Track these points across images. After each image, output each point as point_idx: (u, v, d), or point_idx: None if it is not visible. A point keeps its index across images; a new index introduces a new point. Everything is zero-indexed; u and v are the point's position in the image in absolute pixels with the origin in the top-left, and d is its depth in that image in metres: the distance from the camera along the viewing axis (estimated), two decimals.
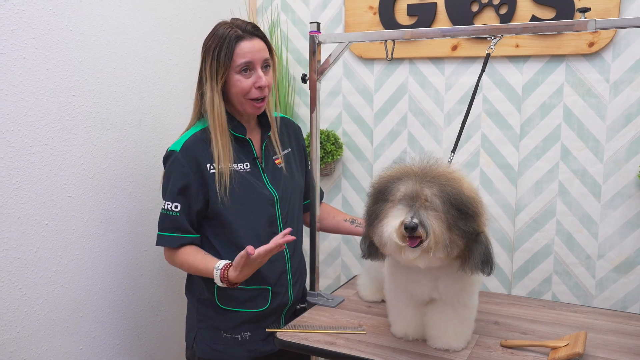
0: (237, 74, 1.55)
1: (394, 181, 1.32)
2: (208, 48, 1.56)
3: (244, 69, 1.55)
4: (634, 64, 1.88)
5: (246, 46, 1.53)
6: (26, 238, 1.51)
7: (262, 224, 1.64)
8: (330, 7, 2.30)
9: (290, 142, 1.77)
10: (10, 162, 1.45)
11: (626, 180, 1.94)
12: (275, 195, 1.66)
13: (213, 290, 1.63)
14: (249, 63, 1.54)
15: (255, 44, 1.55)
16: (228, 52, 1.52)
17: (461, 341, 1.44)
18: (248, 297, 1.63)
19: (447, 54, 2.11)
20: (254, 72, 1.56)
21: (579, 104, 1.97)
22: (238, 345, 1.65)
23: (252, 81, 1.56)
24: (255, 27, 1.58)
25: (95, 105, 1.70)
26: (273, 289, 1.65)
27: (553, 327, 1.58)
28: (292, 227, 1.68)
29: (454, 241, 1.26)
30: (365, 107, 2.30)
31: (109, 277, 1.79)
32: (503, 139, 2.09)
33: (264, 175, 1.66)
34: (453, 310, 1.43)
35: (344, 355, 1.44)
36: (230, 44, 1.52)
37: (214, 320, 1.65)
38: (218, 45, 1.53)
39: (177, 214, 1.57)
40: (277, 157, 1.70)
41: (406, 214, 1.25)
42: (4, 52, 1.41)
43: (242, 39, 1.53)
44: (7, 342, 1.47)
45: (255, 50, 1.55)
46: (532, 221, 2.09)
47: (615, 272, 2.00)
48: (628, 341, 1.49)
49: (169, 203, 1.57)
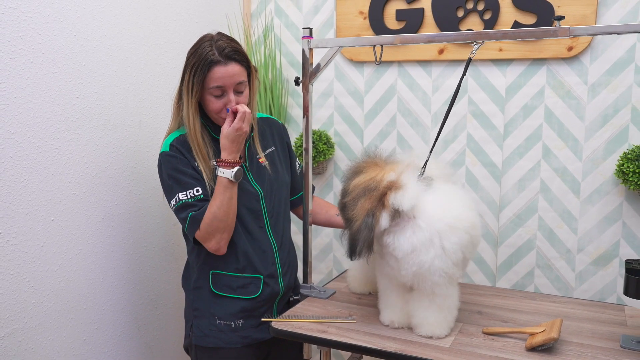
0: (209, 95, 1.62)
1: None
2: (188, 64, 1.62)
3: (217, 93, 1.61)
4: (610, 67, 1.98)
5: (219, 71, 1.59)
6: (33, 233, 1.59)
7: (250, 218, 1.72)
8: (322, 12, 2.39)
9: (273, 141, 1.84)
10: (18, 161, 1.53)
11: (603, 177, 2.04)
12: (259, 191, 1.74)
13: (208, 277, 1.72)
14: (220, 87, 1.61)
15: (230, 68, 1.60)
16: (201, 75, 1.59)
17: (443, 328, 1.53)
18: (241, 284, 1.72)
19: (434, 57, 2.20)
20: (226, 95, 1.62)
21: (559, 105, 2.07)
22: (232, 332, 1.72)
23: (223, 103, 1.63)
24: (233, 51, 1.61)
25: (98, 107, 1.78)
26: (264, 279, 1.74)
27: (533, 316, 1.68)
28: (278, 220, 1.80)
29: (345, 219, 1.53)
30: (356, 108, 2.39)
31: (110, 272, 1.87)
32: (488, 139, 2.18)
33: (249, 173, 1.74)
34: (430, 300, 1.52)
35: (335, 342, 1.53)
36: (204, 68, 1.58)
37: (209, 307, 1.73)
38: (195, 64, 1.59)
39: (201, 196, 1.63)
40: (259, 156, 1.77)
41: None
42: (13, 57, 1.49)
43: (216, 64, 1.58)
44: (15, 332, 1.55)
45: (227, 75, 1.60)
46: (515, 217, 2.18)
47: (593, 265, 2.10)
48: (601, 328, 1.59)
49: (189, 191, 1.62)
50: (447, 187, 1.59)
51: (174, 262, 2.16)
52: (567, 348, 1.46)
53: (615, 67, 1.98)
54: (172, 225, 2.14)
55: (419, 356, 1.42)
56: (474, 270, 2.26)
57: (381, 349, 1.47)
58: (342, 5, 2.32)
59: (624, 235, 2.04)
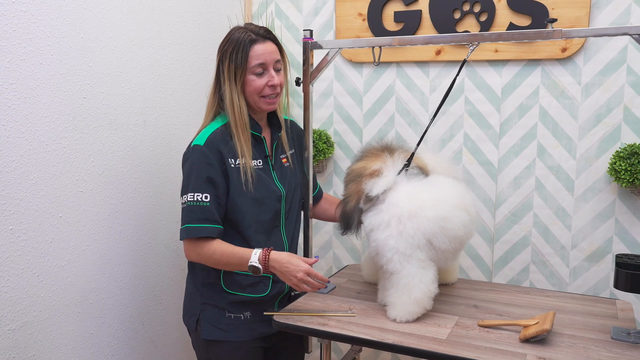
0: (251, 75, 1.67)
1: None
2: (225, 52, 1.68)
3: (258, 71, 1.66)
4: (603, 68, 2.03)
5: (259, 49, 1.65)
6: (42, 229, 1.63)
7: (269, 218, 1.76)
8: (322, 13, 2.44)
9: (294, 144, 1.91)
10: (28, 160, 1.57)
11: (597, 175, 2.09)
12: (282, 191, 1.78)
13: (219, 275, 1.75)
14: (262, 64, 1.66)
15: (268, 46, 1.67)
16: (244, 55, 1.64)
17: (400, 313, 1.63)
18: (251, 282, 1.75)
19: (432, 58, 2.25)
20: (267, 72, 1.68)
21: (553, 105, 2.12)
22: (241, 324, 1.76)
23: (265, 80, 1.68)
24: (267, 31, 1.70)
25: (104, 106, 1.83)
26: (274, 277, 1.77)
27: (527, 310, 1.73)
28: (291, 221, 1.85)
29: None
30: (355, 108, 2.44)
31: (116, 267, 1.92)
32: (484, 138, 2.23)
33: (274, 172, 1.78)
34: (389, 280, 1.67)
35: (336, 334, 1.58)
36: (245, 47, 1.64)
37: (218, 301, 1.76)
38: (234, 48, 1.65)
39: (207, 203, 1.64)
40: (284, 156, 1.83)
41: None
42: (23, 58, 1.54)
43: (255, 42, 1.65)
44: (25, 325, 1.60)
45: (267, 52, 1.66)
46: (511, 214, 2.23)
47: (587, 261, 2.15)
48: (593, 321, 1.64)
49: (198, 194, 1.64)
50: (439, 181, 1.70)
51: (178, 259, 2.21)
52: (560, 339, 1.51)
53: (608, 68, 2.03)
54: (176, 222, 2.18)
55: (416, 347, 1.47)
56: (471, 266, 2.31)
57: (380, 340, 1.52)
58: (342, 7, 2.37)
59: (616, 232, 2.09)
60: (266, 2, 2.54)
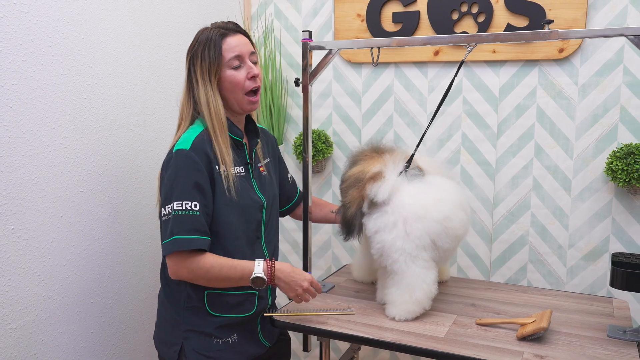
0: (228, 69, 1.59)
1: None
2: (195, 52, 1.60)
3: (235, 64, 1.59)
4: (600, 68, 2.05)
5: (232, 41, 1.59)
6: (44, 229, 1.65)
7: (252, 228, 1.66)
8: (321, 14, 2.45)
9: (268, 152, 1.83)
10: (30, 160, 1.59)
11: (594, 175, 2.11)
12: (263, 201, 1.69)
13: (202, 297, 1.61)
14: (238, 57, 1.59)
15: (240, 38, 1.61)
16: (216, 49, 1.57)
17: (400, 312, 1.65)
18: (237, 302, 1.64)
19: (430, 58, 2.27)
20: (244, 65, 1.61)
21: (550, 105, 2.14)
22: (230, 349, 1.64)
23: (244, 73, 1.60)
24: (236, 25, 1.64)
25: (104, 107, 1.84)
26: (259, 294, 1.69)
27: (524, 308, 1.75)
28: (271, 232, 1.76)
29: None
30: (354, 108, 2.45)
31: (116, 267, 1.93)
32: (482, 138, 2.25)
33: (254, 180, 1.69)
34: (392, 279, 1.68)
35: (335, 333, 1.59)
36: (216, 42, 1.57)
37: (204, 326, 1.62)
38: (205, 46, 1.58)
39: (197, 212, 1.49)
40: (261, 164, 1.75)
41: None
42: (24, 59, 1.55)
43: (226, 35, 1.59)
44: (27, 324, 1.61)
45: (241, 44, 1.60)
46: (508, 214, 2.25)
47: (584, 260, 2.16)
48: (590, 319, 1.66)
49: (187, 202, 1.48)
50: (438, 181, 1.72)
51: None
52: (557, 337, 1.53)
53: (604, 69, 2.05)
54: None
55: (414, 345, 1.49)
56: (469, 266, 2.32)
57: (379, 339, 1.53)
58: (340, 8, 2.38)
59: (613, 231, 2.10)
60: (265, 3, 2.56)
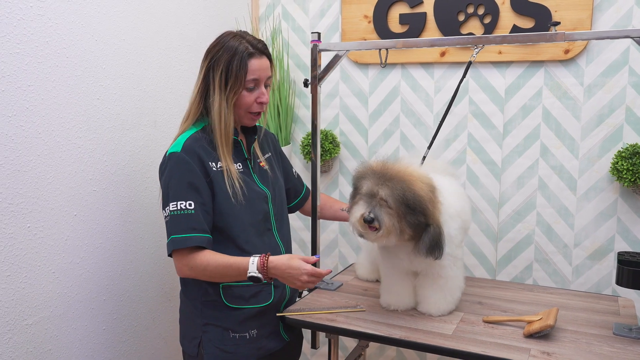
0: (243, 89, 1.60)
1: (361, 178, 1.59)
2: (218, 58, 1.58)
3: (250, 86, 1.60)
4: (605, 69, 2.07)
5: (256, 64, 1.59)
6: (58, 227, 1.68)
7: (259, 219, 1.69)
8: (328, 15, 2.48)
9: (269, 148, 1.85)
10: (45, 159, 1.62)
11: (599, 175, 2.13)
12: (267, 192, 1.72)
13: (218, 291, 1.64)
14: (255, 80, 1.60)
15: (264, 62, 1.61)
16: (242, 68, 1.57)
17: (439, 308, 1.68)
18: (253, 293, 1.67)
19: (436, 59, 2.29)
20: (258, 89, 1.62)
21: (556, 106, 2.16)
22: (247, 344, 1.66)
23: (255, 96, 1.62)
24: (264, 46, 1.64)
25: (117, 107, 1.87)
26: (274, 283, 1.71)
27: (530, 306, 1.77)
28: (282, 223, 1.79)
29: (403, 230, 1.53)
30: (361, 109, 2.48)
31: (128, 265, 1.96)
32: (488, 138, 2.27)
33: (254, 174, 1.72)
34: (432, 281, 1.68)
35: (344, 329, 1.62)
36: (243, 60, 1.57)
37: (222, 320, 1.64)
38: (230, 57, 1.57)
39: (192, 211, 1.54)
40: (260, 160, 1.76)
41: (365, 208, 1.53)
42: (40, 61, 1.58)
43: (253, 56, 1.59)
44: (42, 320, 1.64)
45: (263, 68, 1.61)
46: (514, 213, 2.27)
47: (589, 260, 2.18)
48: (596, 317, 1.68)
49: (181, 202, 1.54)
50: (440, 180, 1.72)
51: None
52: (563, 335, 1.55)
53: (610, 69, 2.07)
54: None
55: (423, 342, 1.51)
56: (475, 265, 2.35)
57: (388, 335, 1.56)
58: (347, 10, 2.41)
59: (618, 231, 2.12)
60: (273, 4, 2.58)
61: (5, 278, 1.52)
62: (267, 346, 1.71)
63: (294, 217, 2.55)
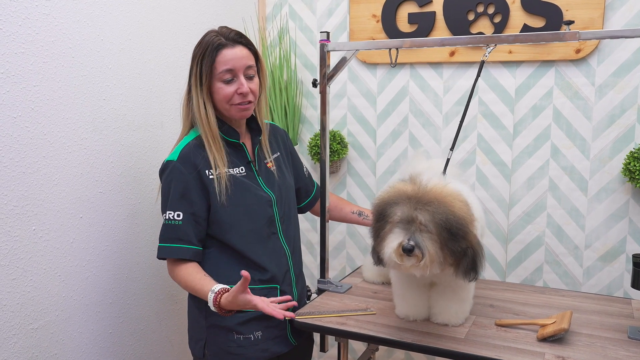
0: (219, 82, 1.58)
1: (392, 204, 1.42)
2: (194, 56, 1.60)
3: (226, 77, 1.57)
4: (617, 69, 2.04)
5: (228, 54, 1.56)
6: (64, 230, 1.66)
7: (262, 224, 1.66)
8: (336, 15, 2.45)
9: (278, 147, 1.82)
10: (51, 161, 1.60)
11: (610, 176, 2.10)
12: (272, 196, 1.69)
13: None
14: (230, 71, 1.57)
15: (238, 51, 1.58)
16: (210, 60, 1.56)
17: (460, 318, 1.62)
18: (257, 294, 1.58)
19: (446, 59, 2.27)
20: (237, 80, 1.58)
21: (567, 106, 2.13)
22: (252, 346, 1.65)
23: (234, 88, 1.58)
24: (239, 35, 1.60)
25: (123, 108, 1.85)
26: (281, 287, 1.70)
27: (543, 309, 1.74)
28: (289, 226, 1.76)
29: (446, 258, 1.39)
30: (369, 109, 2.45)
31: (134, 267, 1.94)
32: (497, 138, 2.24)
33: (259, 177, 1.70)
34: (453, 292, 1.61)
35: (355, 333, 1.59)
36: (212, 52, 1.56)
37: (225, 320, 1.62)
38: (202, 53, 1.57)
39: (179, 222, 1.57)
40: (267, 160, 1.74)
41: (403, 236, 1.37)
42: (45, 61, 1.56)
43: (224, 47, 1.56)
44: (48, 324, 1.62)
45: (237, 57, 1.57)
46: (524, 214, 2.25)
47: (600, 261, 2.16)
48: (610, 320, 1.65)
49: (170, 212, 1.58)
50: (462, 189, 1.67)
51: None
52: (577, 339, 1.52)
53: (621, 69, 2.04)
54: None
55: (435, 346, 1.49)
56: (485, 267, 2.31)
57: (400, 339, 1.53)
58: (356, 9, 2.38)
59: (630, 232, 2.10)
60: (280, 3, 2.56)
61: (10, 281, 1.50)
62: (272, 349, 1.68)
63: (301, 218, 2.52)
